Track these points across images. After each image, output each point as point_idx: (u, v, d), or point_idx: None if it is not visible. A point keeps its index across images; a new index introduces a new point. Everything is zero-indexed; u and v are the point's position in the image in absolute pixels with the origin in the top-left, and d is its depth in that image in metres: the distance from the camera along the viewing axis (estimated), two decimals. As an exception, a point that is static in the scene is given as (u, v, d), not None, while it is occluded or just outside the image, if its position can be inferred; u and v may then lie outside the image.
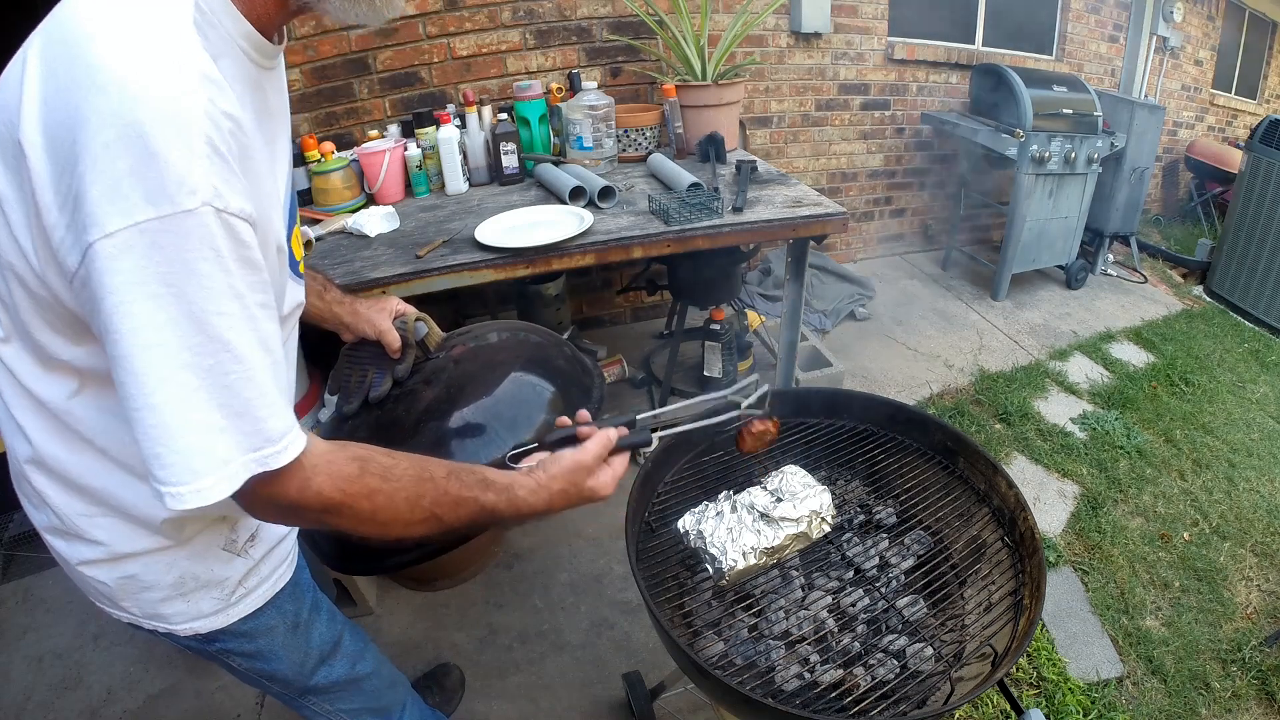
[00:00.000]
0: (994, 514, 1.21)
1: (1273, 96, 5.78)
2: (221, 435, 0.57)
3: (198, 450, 0.56)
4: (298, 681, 1.01)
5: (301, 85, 2.43)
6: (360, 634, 1.14)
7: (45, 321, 0.65)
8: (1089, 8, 4.12)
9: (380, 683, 1.16)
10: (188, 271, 0.54)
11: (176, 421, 0.55)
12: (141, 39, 0.54)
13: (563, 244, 1.72)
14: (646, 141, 2.47)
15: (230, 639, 0.91)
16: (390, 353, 1.08)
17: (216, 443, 0.57)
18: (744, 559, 1.07)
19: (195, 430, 0.56)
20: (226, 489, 0.58)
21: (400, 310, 1.11)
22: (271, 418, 0.60)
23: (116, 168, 0.51)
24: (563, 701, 1.74)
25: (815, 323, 3.33)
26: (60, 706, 1.78)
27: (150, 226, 0.52)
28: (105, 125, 0.51)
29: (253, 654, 0.94)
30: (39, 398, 0.70)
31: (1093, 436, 2.68)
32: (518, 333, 1.14)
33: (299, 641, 0.99)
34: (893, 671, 1.02)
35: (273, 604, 0.93)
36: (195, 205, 0.53)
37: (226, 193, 0.56)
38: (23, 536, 2.22)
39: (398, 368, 1.07)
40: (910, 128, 3.82)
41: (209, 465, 0.57)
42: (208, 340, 0.55)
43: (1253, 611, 2.00)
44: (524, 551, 2.19)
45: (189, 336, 0.55)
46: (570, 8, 2.68)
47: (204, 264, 0.54)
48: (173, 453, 0.56)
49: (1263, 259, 3.67)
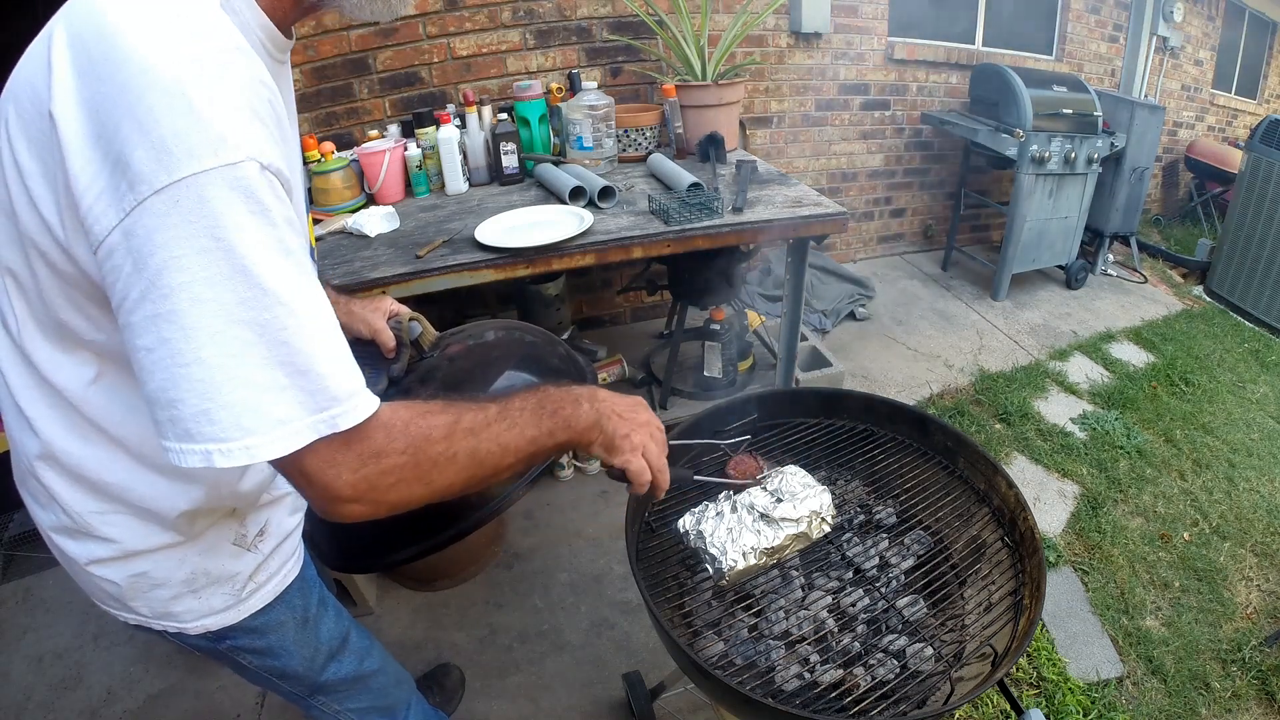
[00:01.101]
0: (994, 514, 1.21)
1: (1273, 96, 5.78)
2: (281, 394, 0.55)
3: (249, 407, 0.54)
4: (309, 678, 1.01)
5: (301, 85, 2.43)
6: (364, 631, 1.15)
7: (70, 300, 0.65)
8: (1089, 8, 4.12)
9: (387, 680, 1.16)
10: (236, 225, 0.53)
11: (225, 376, 0.54)
12: (174, 13, 0.55)
13: (563, 244, 1.72)
14: (646, 141, 2.47)
15: (241, 636, 0.91)
16: (385, 352, 1.09)
17: (274, 401, 0.55)
18: (744, 559, 1.07)
19: (247, 387, 0.54)
20: (281, 449, 0.55)
21: (395, 310, 1.12)
22: (336, 374, 0.58)
23: (161, 128, 0.51)
24: (563, 701, 1.74)
25: (815, 323, 3.33)
26: (60, 706, 1.78)
27: (197, 180, 0.52)
28: (148, 89, 0.52)
29: (263, 651, 0.95)
30: (55, 385, 0.70)
31: (1093, 436, 2.68)
32: (512, 332, 1.15)
33: (308, 637, 0.99)
34: (893, 671, 1.02)
35: (282, 599, 0.93)
36: (239, 159, 0.53)
37: (268, 150, 0.56)
38: (23, 536, 2.22)
39: (393, 367, 1.07)
40: (910, 128, 3.82)
41: (260, 424, 0.55)
42: (262, 294, 0.54)
43: (1253, 611, 2.00)
44: (524, 551, 2.19)
45: (242, 290, 0.53)
46: (570, 8, 2.68)
47: (252, 217, 0.54)
48: (221, 408, 0.54)
49: (1263, 259, 3.67)
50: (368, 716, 1.15)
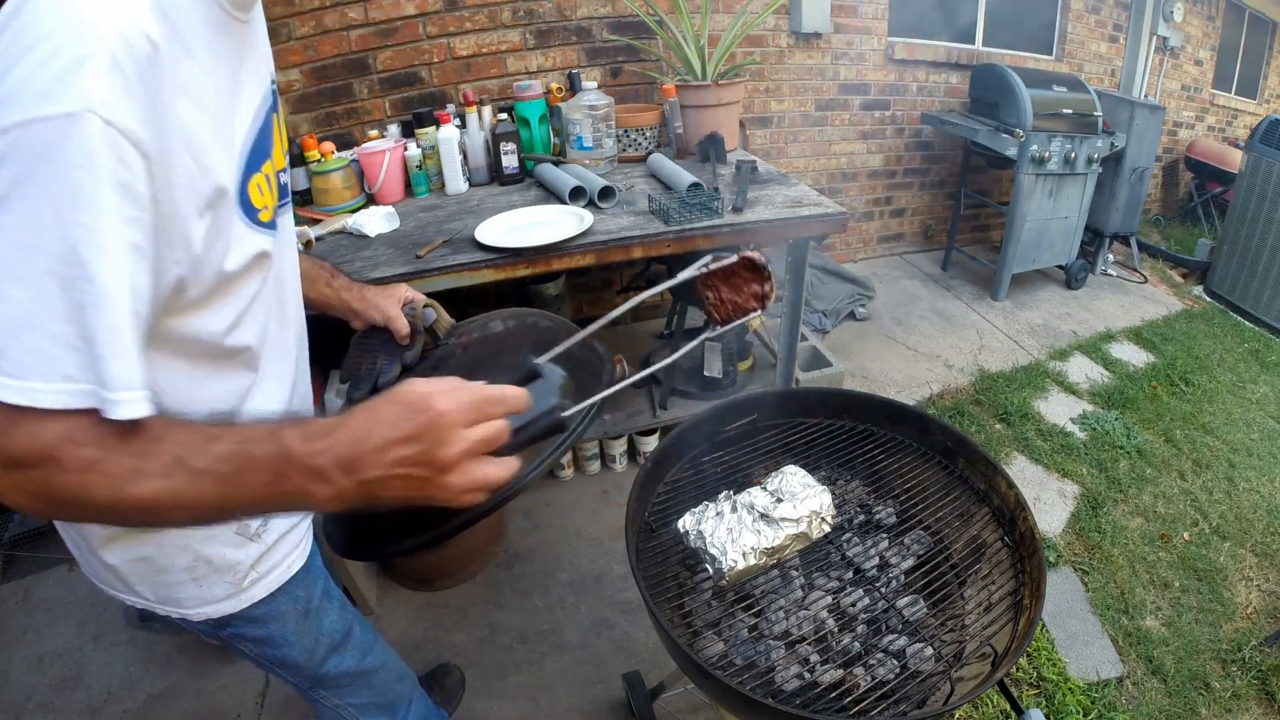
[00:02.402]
0: (994, 514, 1.21)
1: (1273, 96, 5.78)
2: (71, 353, 0.53)
3: (36, 351, 0.52)
4: (309, 669, 1.02)
5: (301, 85, 2.43)
6: (369, 626, 1.15)
7: None
8: (1089, 8, 4.12)
9: (388, 676, 1.17)
10: (61, 176, 0.52)
11: (22, 317, 0.52)
12: None
13: (563, 244, 1.72)
14: (646, 141, 2.47)
15: (242, 624, 0.92)
16: (399, 339, 1.09)
17: (63, 356, 0.53)
18: (744, 559, 1.07)
19: (39, 334, 0.52)
20: (56, 401, 0.52)
21: (409, 297, 1.12)
22: (114, 359, 0.54)
23: (16, 72, 0.52)
24: (563, 701, 1.74)
25: (815, 323, 3.33)
26: (60, 706, 1.78)
27: (37, 127, 0.51)
28: (18, 35, 0.53)
29: (264, 640, 0.95)
30: None
31: (1093, 436, 2.68)
32: (525, 319, 1.15)
33: (310, 628, 0.99)
34: (893, 671, 1.02)
35: (285, 590, 0.94)
36: (79, 109, 0.52)
37: (120, 109, 0.54)
38: (23, 536, 2.22)
39: (406, 354, 1.07)
40: (910, 128, 3.82)
41: (45, 371, 0.52)
42: (67, 251, 0.53)
43: (1253, 611, 2.00)
44: (524, 551, 2.19)
45: (55, 243, 0.52)
46: (570, 8, 2.68)
47: (77, 171, 0.52)
48: (15, 345, 0.52)
49: (1263, 259, 3.67)
50: (368, 713, 1.15)
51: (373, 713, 1.15)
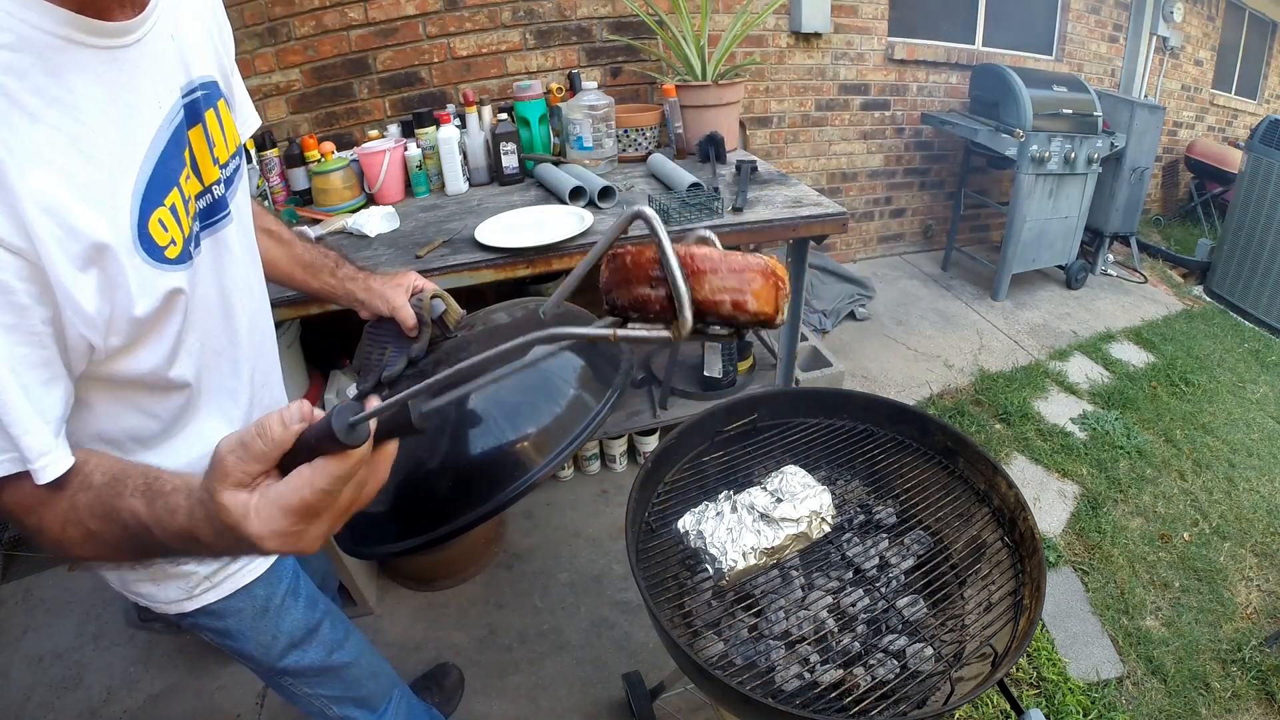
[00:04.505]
0: (994, 514, 1.21)
1: (1273, 96, 5.78)
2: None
3: None
4: (265, 662, 1.03)
5: (301, 85, 2.43)
6: (343, 624, 1.14)
7: None
8: (1089, 8, 4.12)
9: (360, 673, 1.17)
10: None
11: None
12: None
13: (563, 244, 1.72)
14: (646, 141, 2.47)
15: (200, 616, 0.95)
16: (405, 331, 1.04)
17: None
18: (744, 559, 1.07)
19: None
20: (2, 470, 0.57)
21: (418, 286, 1.06)
22: (24, 435, 0.57)
23: None
24: (563, 701, 1.74)
25: (815, 323, 3.33)
26: (60, 706, 1.78)
27: None
28: None
29: (221, 631, 0.98)
30: None
31: (1093, 436, 2.68)
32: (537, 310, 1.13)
33: (267, 625, 1.01)
34: (893, 671, 1.02)
35: (243, 589, 0.96)
36: None
37: None
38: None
39: (413, 346, 1.03)
40: (910, 128, 3.82)
41: None
42: None
43: (1253, 611, 2.00)
44: (524, 551, 2.19)
45: None
46: (570, 8, 2.68)
47: None
48: None
49: (1263, 259, 3.67)
50: (342, 705, 1.16)
51: (347, 705, 1.17)
